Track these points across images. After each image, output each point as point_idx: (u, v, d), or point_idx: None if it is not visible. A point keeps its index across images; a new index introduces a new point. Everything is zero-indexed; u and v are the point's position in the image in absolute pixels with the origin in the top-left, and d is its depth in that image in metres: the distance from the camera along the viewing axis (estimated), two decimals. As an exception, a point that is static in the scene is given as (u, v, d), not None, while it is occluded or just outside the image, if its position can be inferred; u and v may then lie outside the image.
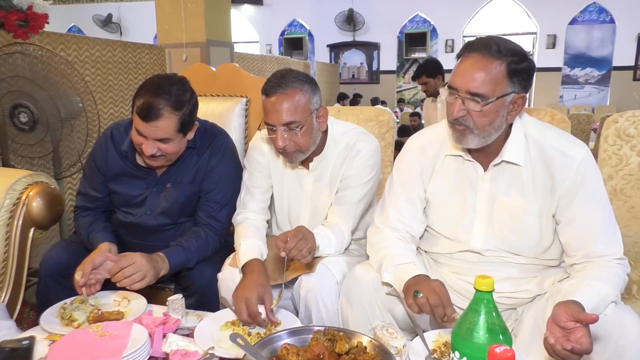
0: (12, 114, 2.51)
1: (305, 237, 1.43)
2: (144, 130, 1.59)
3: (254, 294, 1.43)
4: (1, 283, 1.74)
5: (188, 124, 1.66)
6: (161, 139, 1.60)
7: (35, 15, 2.69)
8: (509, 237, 1.42)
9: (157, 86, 1.58)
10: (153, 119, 1.56)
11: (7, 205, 1.74)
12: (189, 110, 1.64)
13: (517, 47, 1.30)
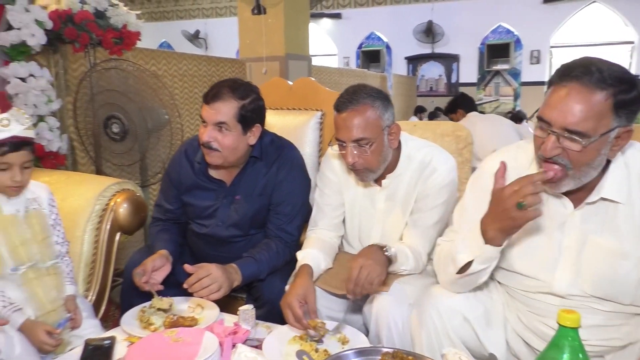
0: (105, 124, 2.71)
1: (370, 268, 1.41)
2: (205, 114, 1.67)
3: (294, 298, 1.45)
4: (89, 283, 1.86)
5: (249, 121, 1.70)
6: (220, 124, 1.65)
7: (129, 33, 2.89)
8: (601, 283, 1.24)
9: (227, 79, 1.73)
10: (214, 100, 1.65)
11: (97, 211, 1.86)
12: (251, 106, 1.70)
13: (624, 72, 1.11)
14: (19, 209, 1.54)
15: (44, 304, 1.52)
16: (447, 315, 1.36)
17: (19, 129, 1.46)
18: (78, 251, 1.82)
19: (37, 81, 2.49)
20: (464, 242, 1.30)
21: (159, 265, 1.65)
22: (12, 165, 1.46)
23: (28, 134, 1.49)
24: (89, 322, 1.64)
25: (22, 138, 1.46)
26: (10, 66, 2.43)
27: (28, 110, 2.45)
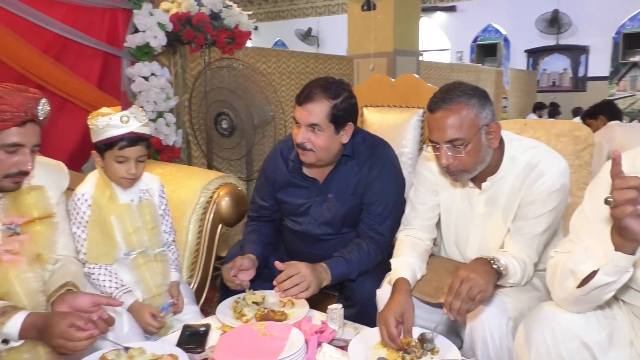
0: (216, 120, 2.86)
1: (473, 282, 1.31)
2: (298, 116, 1.69)
3: (391, 315, 1.39)
4: (192, 271, 1.97)
5: (341, 120, 1.69)
6: (312, 126, 1.66)
7: (240, 33, 3.02)
8: None
9: (319, 78, 1.72)
10: (306, 102, 1.66)
11: (202, 203, 1.97)
12: (343, 105, 1.69)
13: None
14: (133, 199, 1.67)
15: (150, 288, 1.64)
16: (563, 337, 1.21)
17: (137, 125, 1.58)
18: (183, 240, 1.94)
19: (157, 80, 2.70)
20: (586, 252, 1.16)
21: (246, 266, 1.70)
22: (129, 158, 1.59)
23: (144, 130, 1.60)
24: (190, 307, 1.74)
25: (139, 134, 1.58)
26: (135, 66, 2.66)
27: (149, 106, 2.67)
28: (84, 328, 1.21)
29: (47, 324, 1.22)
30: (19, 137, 1.33)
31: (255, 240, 1.85)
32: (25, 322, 1.24)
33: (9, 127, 1.30)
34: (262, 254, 1.81)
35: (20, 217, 1.41)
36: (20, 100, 1.31)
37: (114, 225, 1.60)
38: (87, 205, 1.58)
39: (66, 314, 1.26)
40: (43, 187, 1.47)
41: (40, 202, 1.45)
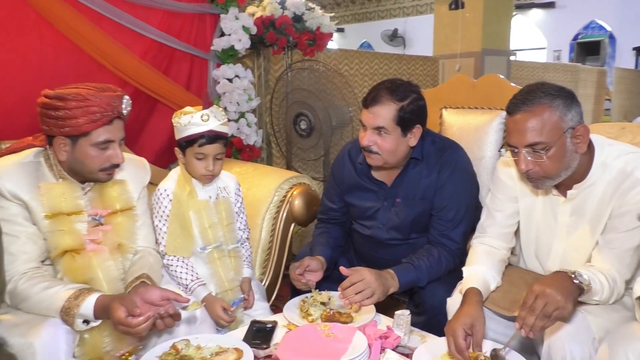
0: (295, 121, 2.91)
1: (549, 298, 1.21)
2: (364, 118, 1.66)
3: (460, 327, 1.32)
4: (264, 268, 2.02)
5: (408, 122, 1.65)
6: (378, 128, 1.62)
7: (322, 35, 3.05)
8: None
9: (386, 80, 1.69)
10: (372, 104, 1.63)
11: (275, 202, 2.01)
12: (411, 107, 1.64)
13: None
14: (210, 196, 1.74)
15: (223, 282, 1.70)
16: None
17: (216, 124, 1.64)
18: (257, 237, 1.99)
19: (241, 81, 2.80)
20: None
21: (314, 268, 1.70)
22: (207, 155, 1.65)
23: (223, 129, 1.67)
24: (260, 304, 1.78)
25: (217, 132, 1.65)
26: (220, 68, 2.77)
27: (232, 107, 2.77)
28: (136, 314, 1.28)
29: (110, 308, 1.30)
30: (108, 134, 1.44)
31: (324, 242, 1.85)
32: (96, 304, 1.33)
33: (100, 126, 1.41)
34: (330, 256, 1.80)
35: (104, 209, 1.52)
36: (107, 100, 1.41)
37: (192, 220, 1.67)
38: (168, 200, 1.67)
39: (122, 300, 1.31)
40: (125, 181, 1.58)
41: (122, 194, 1.55)
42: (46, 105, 1.38)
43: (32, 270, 1.39)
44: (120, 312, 1.28)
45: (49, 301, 1.33)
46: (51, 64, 2.25)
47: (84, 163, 1.44)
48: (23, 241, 1.39)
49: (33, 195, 1.41)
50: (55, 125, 1.38)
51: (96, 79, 2.34)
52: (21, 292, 1.35)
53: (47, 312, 1.34)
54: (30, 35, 2.18)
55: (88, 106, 1.38)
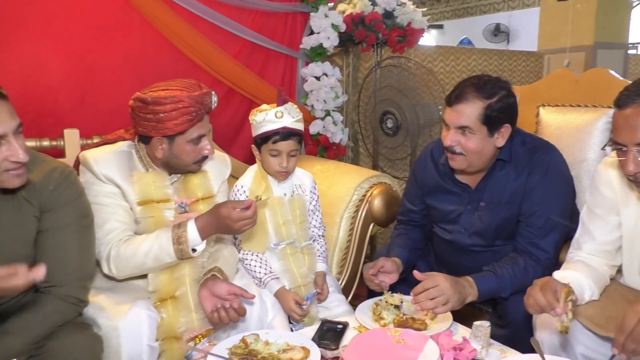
0: (381, 119, 2.85)
1: None
2: (447, 117, 1.56)
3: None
4: (342, 267, 2.00)
5: (496, 121, 1.53)
6: (462, 128, 1.53)
7: (412, 31, 2.96)
8: None
9: (473, 76, 1.59)
10: (456, 102, 1.53)
11: (354, 200, 1.98)
12: (499, 105, 1.52)
13: None
14: (285, 193, 1.76)
15: (296, 278, 1.70)
16: None
17: (290, 121, 1.65)
18: (334, 236, 1.97)
19: (328, 79, 2.80)
20: None
21: (388, 269, 1.65)
22: (281, 152, 1.67)
23: (297, 126, 1.67)
24: (336, 296, 1.78)
25: (291, 129, 1.66)
26: (309, 66, 2.79)
27: (318, 105, 2.79)
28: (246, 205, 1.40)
29: (215, 217, 1.42)
30: (201, 129, 1.52)
31: (401, 244, 1.78)
32: (197, 225, 1.44)
33: (195, 124, 1.48)
34: (408, 259, 1.73)
35: (188, 197, 1.58)
36: (199, 98, 1.47)
37: (267, 216, 1.70)
38: (244, 196, 1.71)
39: (222, 205, 1.44)
40: (206, 171, 1.65)
41: (203, 183, 1.62)
42: (142, 110, 1.46)
43: (129, 237, 1.49)
44: (233, 211, 1.39)
45: (157, 244, 1.43)
46: (152, 63, 2.40)
47: (179, 158, 1.52)
48: (121, 213, 1.50)
49: (126, 181, 1.51)
50: (154, 128, 1.46)
51: (193, 79, 2.51)
52: (125, 253, 1.44)
53: (159, 254, 1.43)
54: (134, 36, 2.34)
55: (184, 107, 1.44)
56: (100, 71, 2.24)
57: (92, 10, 2.19)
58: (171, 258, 1.45)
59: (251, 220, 1.43)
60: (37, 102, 2.04)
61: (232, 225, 1.42)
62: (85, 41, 2.19)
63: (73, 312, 1.33)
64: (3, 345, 1.19)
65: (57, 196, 1.32)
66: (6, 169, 1.19)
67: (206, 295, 1.44)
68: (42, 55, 2.07)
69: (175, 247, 1.43)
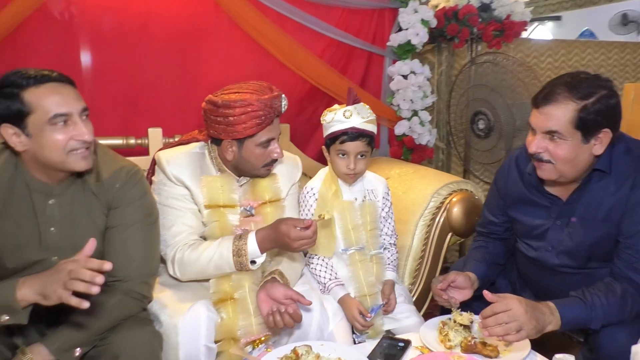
0: (472, 120, 2.66)
1: None
2: (534, 121, 1.38)
3: None
4: (414, 278, 1.88)
5: (593, 126, 1.31)
6: (551, 133, 1.33)
7: (512, 24, 2.72)
8: None
9: (565, 74, 1.39)
10: (544, 103, 1.34)
11: (431, 208, 1.85)
12: (596, 107, 1.30)
13: None
14: (357, 197, 1.68)
15: (362, 286, 1.63)
16: None
17: (359, 121, 1.58)
18: (408, 244, 1.86)
19: (416, 78, 2.66)
20: None
21: (460, 284, 1.50)
22: (349, 153, 1.60)
23: (366, 127, 1.59)
24: (405, 306, 1.68)
25: (360, 129, 1.58)
26: (396, 64, 2.68)
27: (405, 104, 2.66)
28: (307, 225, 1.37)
29: (275, 232, 1.41)
30: (270, 133, 1.51)
31: (479, 257, 1.62)
32: (257, 238, 1.44)
33: (264, 128, 1.47)
34: (485, 274, 1.57)
35: (255, 200, 1.57)
36: (269, 102, 1.45)
37: (336, 220, 1.64)
38: (314, 199, 1.66)
39: (284, 221, 1.41)
40: (275, 174, 1.63)
41: (271, 185, 1.60)
42: (213, 112, 1.48)
43: (194, 241, 1.51)
44: (292, 229, 1.37)
45: (218, 253, 1.44)
46: (238, 63, 2.45)
47: (248, 161, 1.52)
48: (188, 217, 1.53)
49: (195, 183, 1.53)
50: (224, 131, 1.48)
51: (278, 78, 2.52)
52: (189, 258, 1.47)
53: (220, 263, 1.44)
54: (222, 37, 2.39)
55: (253, 111, 1.44)
56: (189, 71, 2.32)
57: (183, 12, 2.27)
58: (230, 269, 1.45)
59: (310, 241, 1.39)
60: (128, 101, 2.17)
61: (290, 244, 1.39)
62: (176, 42, 2.28)
63: (136, 307, 1.38)
64: (69, 335, 1.25)
65: (123, 194, 1.37)
66: (72, 148, 1.24)
67: (263, 298, 1.42)
68: (136, 57, 2.19)
69: (234, 259, 1.43)
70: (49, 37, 2.01)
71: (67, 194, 1.33)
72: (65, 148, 1.23)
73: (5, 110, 1.20)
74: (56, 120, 1.21)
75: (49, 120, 1.21)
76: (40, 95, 1.20)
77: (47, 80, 1.22)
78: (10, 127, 1.21)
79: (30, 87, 1.20)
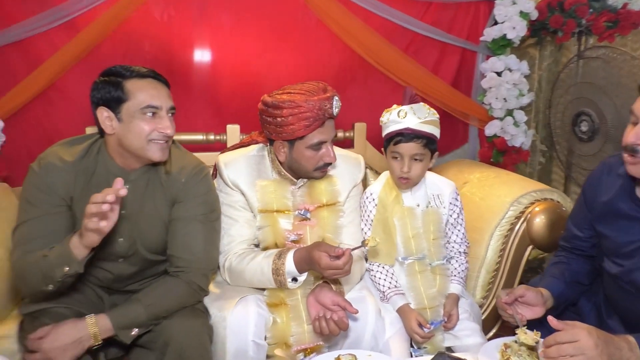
0: (574, 121, 2.40)
1: None
2: (637, 107, 1.18)
3: None
4: (488, 292, 1.74)
5: None
6: None
7: (629, 14, 2.40)
8: None
9: None
10: None
11: (509, 217, 1.70)
12: None
13: None
14: (419, 204, 1.59)
15: (422, 298, 1.53)
16: None
17: (415, 122, 1.49)
18: (481, 255, 1.72)
19: (511, 75, 2.47)
20: None
21: (530, 300, 1.34)
22: (403, 155, 1.51)
23: (424, 128, 1.49)
24: (467, 324, 1.55)
25: (415, 130, 1.49)
26: (489, 61, 2.50)
27: (497, 103, 2.48)
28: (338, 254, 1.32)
29: (309, 256, 1.37)
30: (321, 135, 1.48)
31: (557, 274, 1.45)
32: (294, 259, 1.42)
33: (313, 130, 1.45)
34: (561, 293, 1.40)
35: (312, 204, 1.55)
36: (318, 104, 1.43)
37: (397, 227, 1.56)
38: (373, 204, 1.60)
39: (319, 247, 1.36)
40: (333, 177, 1.59)
41: (328, 188, 1.57)
42: (264, 112, 1.49)
43: (244, 250, 1.54)
44: (323, 257, 1.33)
45: (260, 268, 1.46)
46: (324, 62, 2.45)
47: (300, 163, 1.52)
48: (241, 224, 1.56)
49: (251, 187, 1.56)
50: (275, 131, 1.49)
51: (362, 76, 2.48)
52: (236, 268, 1.51)
53: (262, 279, 1.46)
54: (308, 35, 2.40)
55: (301, 112, 1.43)
56: (275, 69, 2.36)
57: (271, 10, 2.31)
58: (271, 285, 1.46)
59: (342, 271, 1.33)
60: (212, 97, 2.25)
61: (321, 271, 1.36)
62: (264, 40, 2.32)
63: (193, 298, 1.43)
64: (131, 315, 1.33)
65: (187, 189, 1.44)
66: (153, 138, 1.35)
67: (312, 302, 1.40)
68: (223, 54, 2.27)
69: (274, 277, 1.44)
70: (147, 36, 2.16)
71: (140, 181, 1.42)
72: (148, 137, 1.34)
73: (106, 94, 1.33)
74: (146, 111, 1.33)
75: (141, 110, 1.33)
76: (139, 87, 1.33)
77: (148, 76, 1.36)
78: (106, 110, 1.34)
79: (133, 78, 1.34)
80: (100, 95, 1.34)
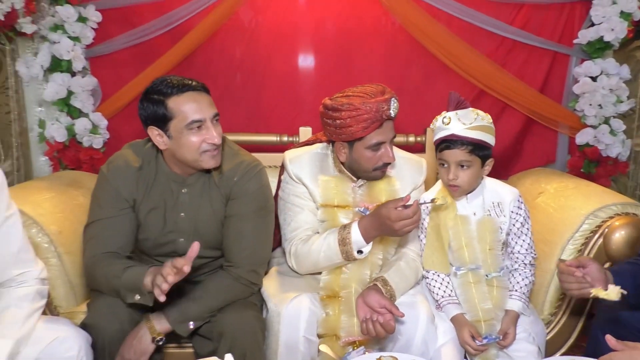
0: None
1: None
2: None
3: None
4: (556, 309, 1.62)
5: None
6: None
7: None
8: None
9: None
10: None
11: (583, 230, 1.57)
12: None
13: None
14: (475, 212, 1.53)
15: (477, 311, 1.47)
16: None
17: (459, 128, 1.45)
18: (551, 269, 1.60)
19: (608, 80, 2.29)
20: None
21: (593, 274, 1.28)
22: (448, 162, 1.48)
23: (470, 134, 1.45)
24: (525, 345, 1.46)
25: (459, 136, 1.45)
26: (583, 65, 2.34)
27: (591, 110, 2.30)
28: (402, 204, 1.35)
29: (376, 217, 1.41)
30: (379, 136, 1.50)
31: (630, 270, 1.35)
32: (360, 227, 1.45)
33: (371, 131, 1.48)
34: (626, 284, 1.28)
35: (371, 202, 1.57)
36: (375, 106, 1.44)
37: (450, 235, 1.52)
38: (427, 211, 1.57)
39: (384, 207, 1.40)
40: (392, 178, 1.60)
41: (387, 188, 1.58)
42: (325, 115, 1.54)
43: (308, 236, 1.58)
44: (392, 210, 1.36)
45: (326, 243, 1.49)
46: (402, 66, 2.44)
47: (360, 163, 1.54)
48: (306, 213, 1.60)
49: (314, 182, 1.60)
50: (335, 133, 1.53)
51: (442, 81, 2.43)
52: (302, 251, 1.55)
53: (328, 253, 1.48)
54: (387, 39, 2.41)
55: (359, 115, 1.45)
56: (353, 72, 2.40)
57: (351, 14, 2.36)
58: (338, 258, 1.48)
59: (412, 221, 1.35)
60: (289, 100, 2.35)
61: (392, 226, 1.37)
62: (343, 44, 2.38)
63: (243, 292, 1.51)
64: (185, 309, 1.43)
65: (239, 187, 1.52)
66: (204, 150, 1.43)
67: (360, 304, 1.41)
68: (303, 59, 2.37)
69: (340, 248, 1.46)
70: (237, 42, 2.32)
71: (196, 185, 1.53)
72: (199, 149, 1.43)
73: (153, 114, 1.42)
74: (192, 126, 1.41)
75: (187, 126, 1.41)
76: (181, 103, 1.40)
77: (187, 89, 1.42)
78: (155, 129, 1.44)
79: (174, 95, 1.40)
80: (147, 114, 1.42)
